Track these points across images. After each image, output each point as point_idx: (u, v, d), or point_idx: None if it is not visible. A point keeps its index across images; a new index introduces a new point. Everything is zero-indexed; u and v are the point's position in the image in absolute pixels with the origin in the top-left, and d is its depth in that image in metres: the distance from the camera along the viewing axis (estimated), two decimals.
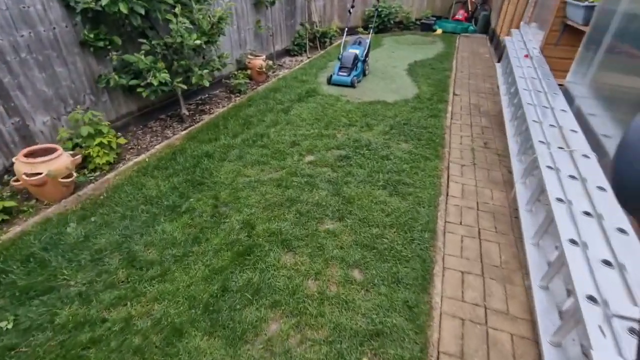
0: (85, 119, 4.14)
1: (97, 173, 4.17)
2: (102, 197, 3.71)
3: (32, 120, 4.07)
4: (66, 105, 4.39)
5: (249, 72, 7.27)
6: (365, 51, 7.65)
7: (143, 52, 4.47)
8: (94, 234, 3.18)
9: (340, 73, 7.28)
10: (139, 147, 4.81)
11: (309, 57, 9.50)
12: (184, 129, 5.29)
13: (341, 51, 7.82)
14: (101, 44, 4.32)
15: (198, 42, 4.65)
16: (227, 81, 6.95)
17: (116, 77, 4.48)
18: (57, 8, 4.10)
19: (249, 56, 7.43)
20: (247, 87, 6.87)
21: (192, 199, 3.64)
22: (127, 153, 4.66)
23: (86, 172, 4.14)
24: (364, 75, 7.80)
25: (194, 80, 5.04)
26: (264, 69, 7.27)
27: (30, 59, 3.94)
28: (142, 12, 4.12)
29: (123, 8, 3.91)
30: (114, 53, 4.42)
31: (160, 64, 4.52)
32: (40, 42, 4.00)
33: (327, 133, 5.09)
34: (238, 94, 6.78)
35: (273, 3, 7.76)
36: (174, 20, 4.32)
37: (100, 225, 3.28)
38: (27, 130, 4.04)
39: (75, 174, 3.62)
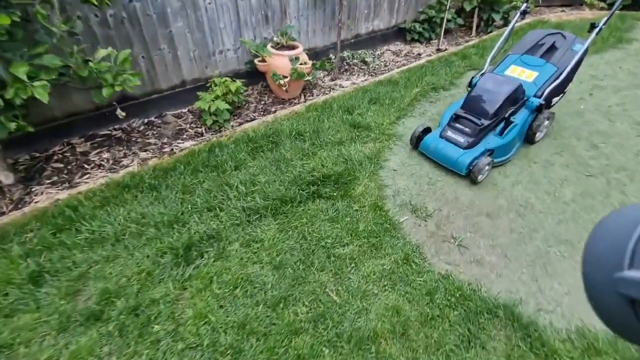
0: None
1: None
2: None
3: None
4: None
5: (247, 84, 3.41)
6: (559, 79, 2.62)
7: None
8: None
9: (451, 132, 2.64)
10: None
11: (439, 49, 4.71)
12: None
13: (485, 66, 2.98)
14: None
15: None
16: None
17: None
18: None
19: (271, 47, 3.46)
20: (226, 118, 3.10)
21: None
22: None
23: None
24: (530, 142, 2.85)
25: None
26: (280, 81, 3.27)
27: None
28: None
29: None
30: None
31: None
32: None
33: None
34: (208, 131, 3.14)
35: None
36: None
37: None
38: None
39: None
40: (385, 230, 2.14)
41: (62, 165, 2.73)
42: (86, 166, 2.73)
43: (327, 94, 3.66)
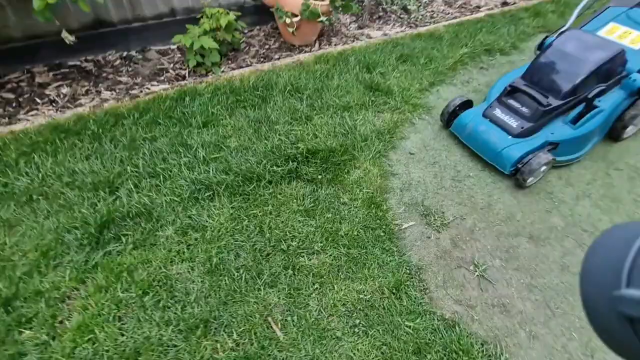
0: None
1: None
2: None
3: None
4: None
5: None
6: None
7: None
8: None
9: (500, 111, 1.85)
10: None
11: (505, 2, 3.66)
12: None
13: (568, 22, 2.07)
14: None
15: None
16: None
17: None
18: None
19: None
20: (215, 60, 2.47)
21: None
22: None
23: None
24: (615, 139, 1.99)
25: None
26: (287, 20, 2.54)
27: None
28: None
29: None
30: None
31: None
32: None
33: None
34: (192, 74, 2.54)
35: None
36: None
37: None
38: None
39: None
40: (377, 238, 1.51)
41: (12, 96, 2.28)
42: (38, 100, 2.26)
43: (349, 44, 2.89)
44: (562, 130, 1.76)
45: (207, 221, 1.51)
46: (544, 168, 1.71)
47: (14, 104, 2.23)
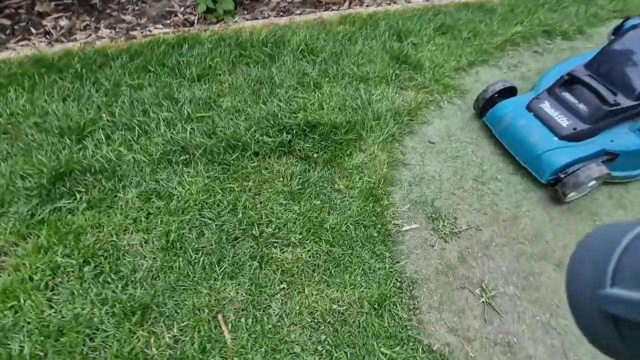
0: None
1: None
2: None
3: None
4: None
5: None
6: None
7: None
8: None
9: (550, 104, 1.49)
10: None
11: None
12: None
13: None
14: None
15: None
16: None
17: None
18: None
19: None
20: (229, 8, 2.18)
21: None
22: None
23: None
24: None
25: None
26: None
27: None
28: None
29: None
30: None
31: None
32: None
33: None
34: (202, 22, 2.27)
35: None
36: None
37: None
38: None
39: None
40: (369, 239, 1.25)
41: (8, 23, 2.11)
42: (33, 30, 2.08)
43: (383, 6, 2.51)
44: (627, 138, 1.39)
45: (175, 189, 1.30)
46: (593, 183, 1.37)
47: (7, 31, 2.06)
